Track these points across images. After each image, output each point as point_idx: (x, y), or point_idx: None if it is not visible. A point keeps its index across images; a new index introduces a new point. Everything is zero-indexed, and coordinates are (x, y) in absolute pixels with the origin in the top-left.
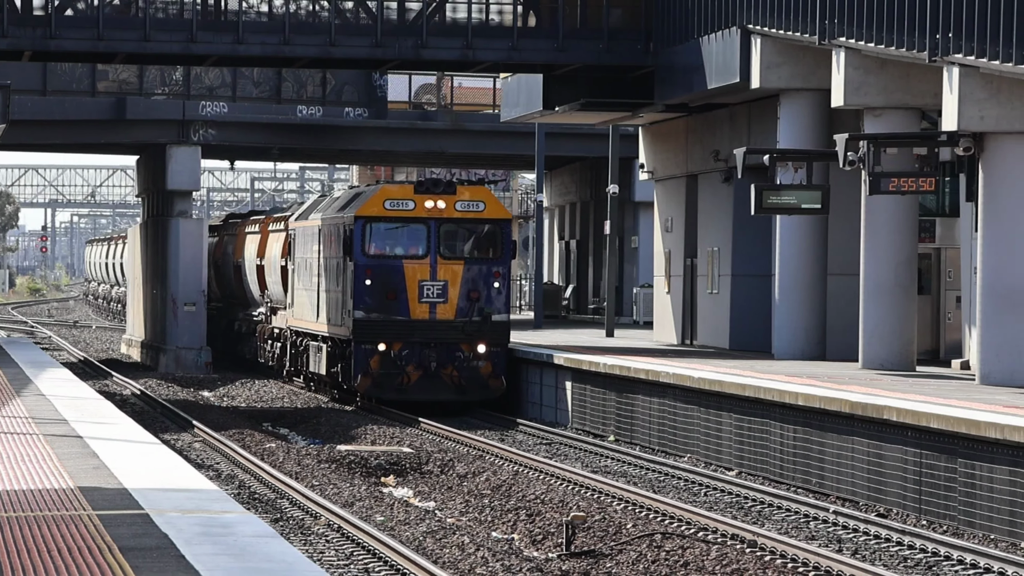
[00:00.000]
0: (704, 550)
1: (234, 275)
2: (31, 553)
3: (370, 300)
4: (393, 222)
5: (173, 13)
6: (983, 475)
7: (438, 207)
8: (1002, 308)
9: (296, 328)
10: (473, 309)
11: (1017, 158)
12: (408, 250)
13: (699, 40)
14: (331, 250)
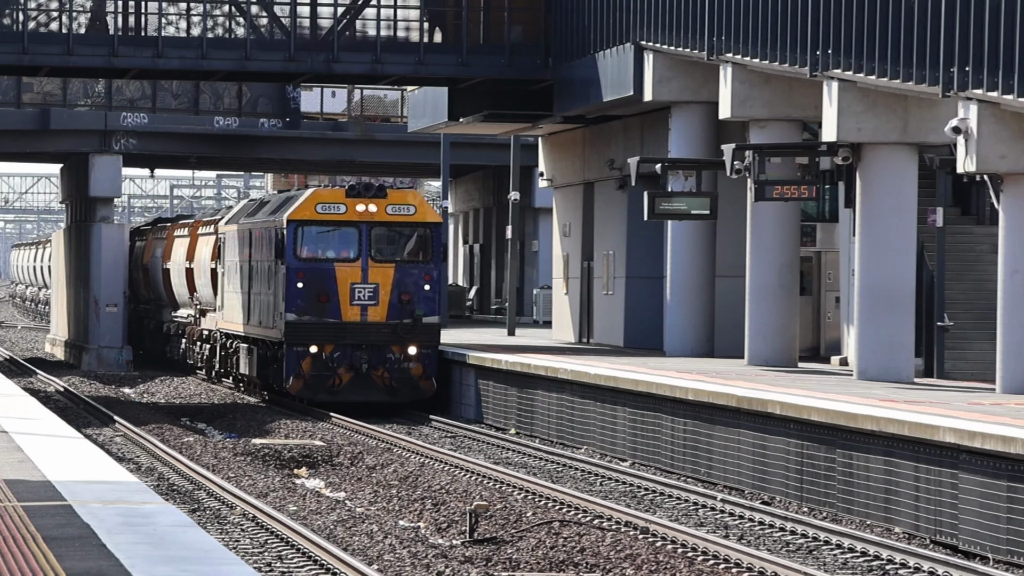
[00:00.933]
0: (599, 536)
1: (163, 278)
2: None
3: (302, 303)
4: (325, 225)
5: (96, 29)
6: (860, 464)
7: (369, 211)
8: (878, 308)
9: (226, 330)
10: (404, 311)
11: (891, 167)
12: (340, 253)
13: (595, 55)
14: (262, 253)
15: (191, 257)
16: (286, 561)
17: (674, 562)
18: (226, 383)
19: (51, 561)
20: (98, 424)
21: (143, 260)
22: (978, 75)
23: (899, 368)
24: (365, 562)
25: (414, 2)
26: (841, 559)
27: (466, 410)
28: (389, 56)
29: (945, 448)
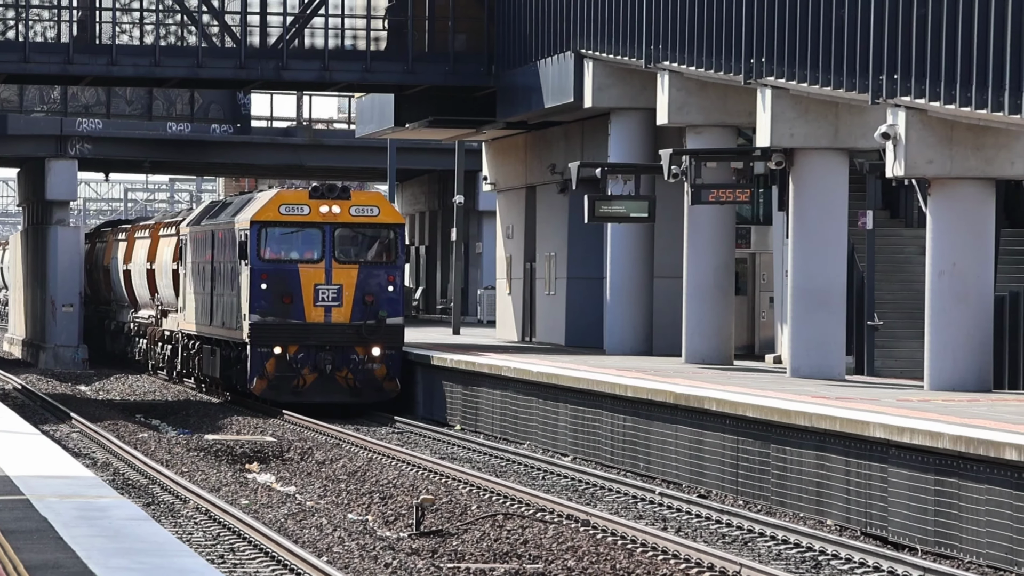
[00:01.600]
0: (542, 529)
1: (124, 279)
2: None
3: (266, 304)
4: (288, 227)
5: (51, 37)
6: (793, 459)
7: (333, 212)
8: (810, 307)
9: (188, 331)
10: (368, 312)
11: (823, 171)
12: (303, 254)
13: (537, 63)
14: (225, 254)
15: (152, 258)
16: (238, 553)
17: (614, 553)
18: (188, 383)
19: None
20: (55, 421)
21: (103, 261)
22: (906, 83)
23: (831, 366)
24: (315, 554)
25: (361, 11)
26: (775, 550)
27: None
28: (337, 64)
29: (875, 443)
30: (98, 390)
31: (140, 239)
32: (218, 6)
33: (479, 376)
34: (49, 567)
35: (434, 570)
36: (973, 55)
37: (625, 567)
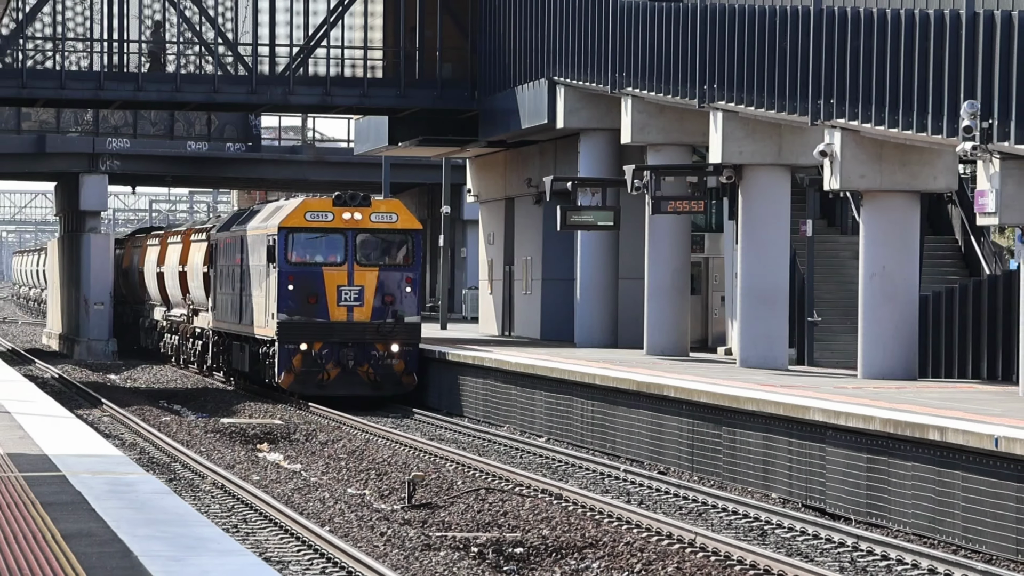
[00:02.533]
0: (520, 502)
1: (157, 280)
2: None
3: (292, 303)
4: (313, 232)
5: (84, 66)
6: (742, 440)
7: (355, 218)
8: (757, 305)
9: (218, 329)
10: (387, 311)
11: (768, 185)
12: (327, 258)
13: (515, 89)
14: (255, 258)
15: (184, 261)
16: (250, 523)
17: (583, 523)
18: (217, 376)
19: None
20: (88, 406)
21: (139, 264)
22: (841, 106)
23: (775, 357)
24: (318, 524)
25: (359, 44)
26: (726, 520)
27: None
28: (337, 89)
29: (814, 425)
30: (126, 379)
31: (172, 244)
32: (232, 39)
33: (463, 366)
34: (83, 535)
35: (424, 538)
36: (900, 83)
37: (593, 535)
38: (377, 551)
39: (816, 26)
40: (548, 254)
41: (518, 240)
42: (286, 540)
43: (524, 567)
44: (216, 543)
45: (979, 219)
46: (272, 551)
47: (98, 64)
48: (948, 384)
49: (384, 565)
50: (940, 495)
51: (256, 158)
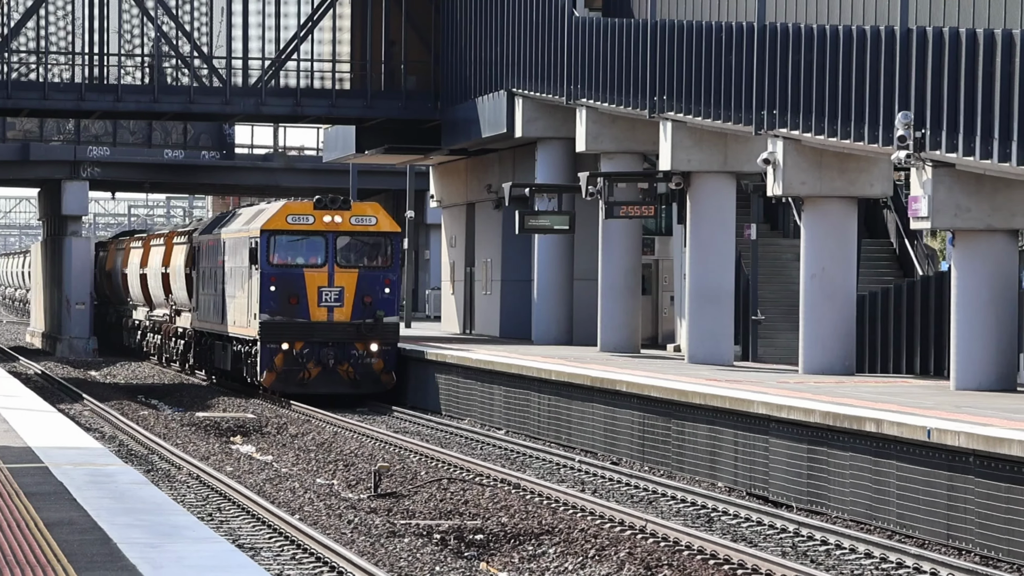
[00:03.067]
0: (480, 491)
1: (140, 281)
2: None
3: (274, 304)
4: (295, 235)
5: (66, 78)
6: (690, 431)
7: (335, 221)
8: (703, 304)
9: (200, 328)
10: (366, 312)
11: (714, 191)
12: (308, 259)
13: (475, 100)
14: (237, 260)
15: (167, 263)
16: (224, 511)
17: (540, 511)
18: (199, 375)
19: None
20: (69, 400)
21: (122, 266)
22: (784, 117)
23: (721, 353)
24: (289, 512)
25: (327, 57)
26: (675, 508)
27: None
28: (307, 100)
29: (758, 418)
30: (106, 375)
31: (155, 246)
32: (207, 52)
33: (427, 363)
34: (65, 523)
35: (389, 526)
36: (838, 95)
37: (550, 523)
38: (345, 538)
39: (759, 41)
40: (507, 256)
41: (479, 243)
42: (258, 528)
43: (484, 553)
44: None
45: (912, 223)
46: (245, 538)
47: (79, 76)
48: (884, 379)
49: (351, 551)
50: (876, 484)
51: (230, 165)
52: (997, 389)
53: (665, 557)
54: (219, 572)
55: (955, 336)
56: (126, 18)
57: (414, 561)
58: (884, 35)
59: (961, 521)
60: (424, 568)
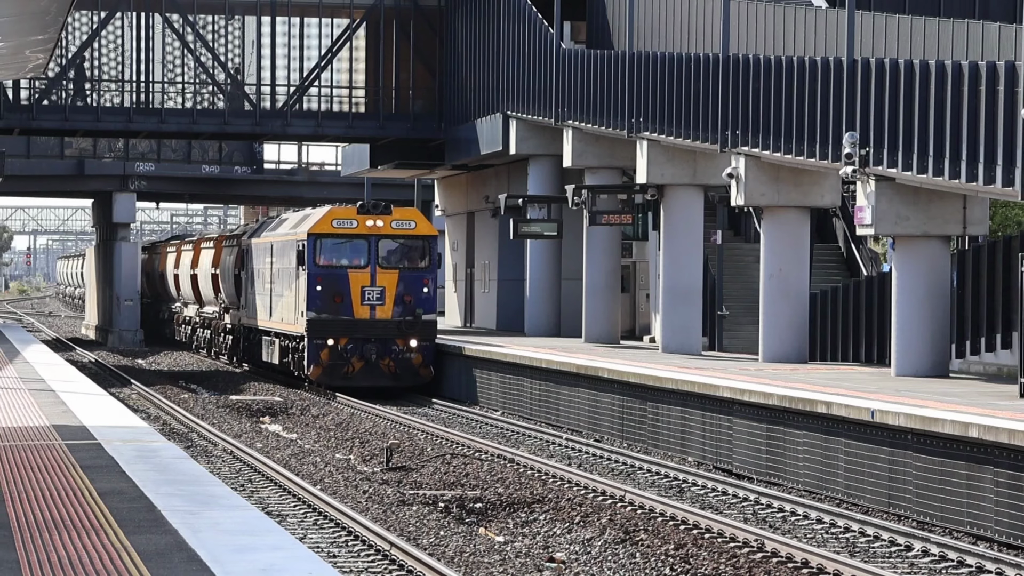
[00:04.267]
0: (479, 465)
1: (191, 281)
2: (22, 469)
3: (320, 303)
4: (339, 238)
5: (116, 103)
6: (664, 413)
7: (377, 225)
8: (675, 301)
9: (249, 325)
10: (406, 310)
11: (685, 201)
12: (352, 261)
13: (475, 121)
14: (284, 261)
15: (216, 264)
16: (254, 483)
17: (532, 483)
18: (246, 367)
19: (86, 483)
20: (119, 385)
21: (173, 267)
22: (745, 136)
23: (691, 344)
24: (311, 483)
25: (345, 84)
26: (650, 480)
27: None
28: (327, 122)
29: (723, 401)
30: (151, 363)
31: (205, 249)
32: (239, 79)
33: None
34: (115, 493)
35: (399, 495)
36: (793, 117)
37: (540, 492)
38: (360, 506)
39: (724, 70)
40: (503, 258)
41: (478, 247)
42: (285, 497)
43: (483, 519)
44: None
45: (858, 230)
46: (273, 506)
47: (128, 101)
48: (833, 366)
49: (366, 517)
50: (826, 458)
51: (259, 179)
52: (932, 375)
53: (641, 523)
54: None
55: (895, 329)
56: (168, 50)
57: (421, 526)
58: (833, 65)
59: (900, 491)
60: (430, 532)
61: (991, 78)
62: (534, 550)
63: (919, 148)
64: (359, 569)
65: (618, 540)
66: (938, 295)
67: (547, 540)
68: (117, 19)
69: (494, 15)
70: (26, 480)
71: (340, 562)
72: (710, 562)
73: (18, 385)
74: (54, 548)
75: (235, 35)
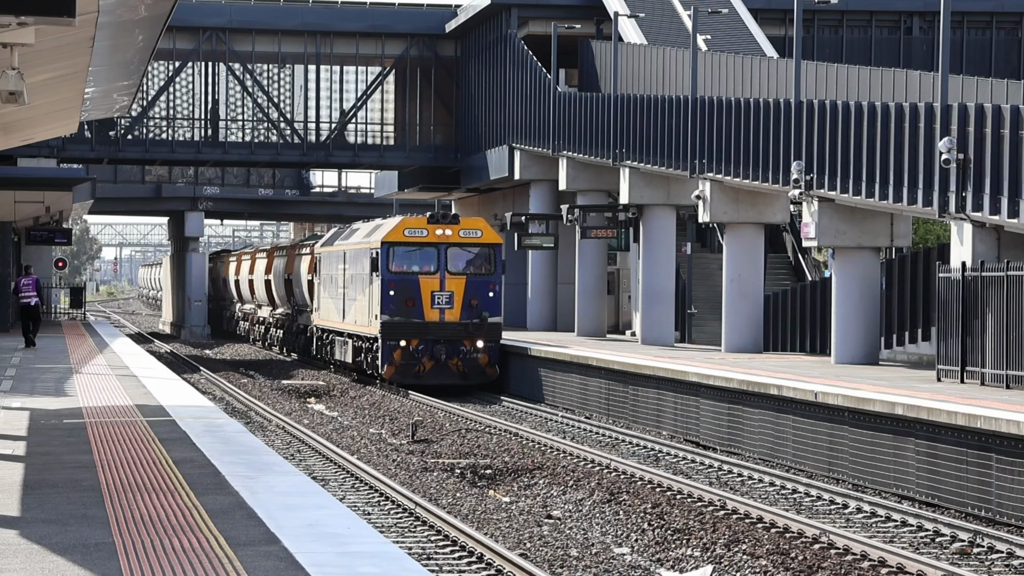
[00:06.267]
0: (489, 438)
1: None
2: (111, 441)
3: (393, 306)
4: (411, 246)
5: (188, 137)
6: (642, 394)
7: (446, 234)
8: (652, 302)
9: (322, 326)
10: (473, 313)
11: (660, 219)
12: (423, 267)
13: (486, 152)
14: (357, 268)
15: (290, 271)
16: (302, 453)
17: (533, 453)
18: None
19: (164, 453)
20: (190, 371)
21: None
22: (711, 164)
23: (665, 337)
24: (349, 453)
25: (376, 121)
26: (631, 450)
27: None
28: (363, 152)
29: (692, 384)
30: (216, 353)
31: (279, 257)
32: (290, 116)
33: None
34: (187, 461)
35: (423, 463)
36: (751, 148)
37: (540, 461)
38: (390, 472)
39: (693, 110)
40: (509, 266)
41: None
42: (328, 465)
43: (492, 483)
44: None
45: (804, 242)
46: (318, 472)
47: (197, 135)
48: (783, 356)
49: (395, 482)
50: (777, 432)
51: (306, 200)
52: (865, 363)
53: (624, 486)
54: (299, 497)
55: (834, 324)
56: (231, 93)
57: (440, 489)
58: (783, 105)
59: (839, 458)
60: (448, 494)
61: (913, 117)
62: (535, 509)
63: (854, 174)
64: (389, 524)
65: (605, 500)
66: (870, 296)
67: (546, 500)
68: (189, 68)
69: (501, 63)
70: (113, 451)
71: (373, 518)
72: (681, 518)
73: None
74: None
75: (286, 81)
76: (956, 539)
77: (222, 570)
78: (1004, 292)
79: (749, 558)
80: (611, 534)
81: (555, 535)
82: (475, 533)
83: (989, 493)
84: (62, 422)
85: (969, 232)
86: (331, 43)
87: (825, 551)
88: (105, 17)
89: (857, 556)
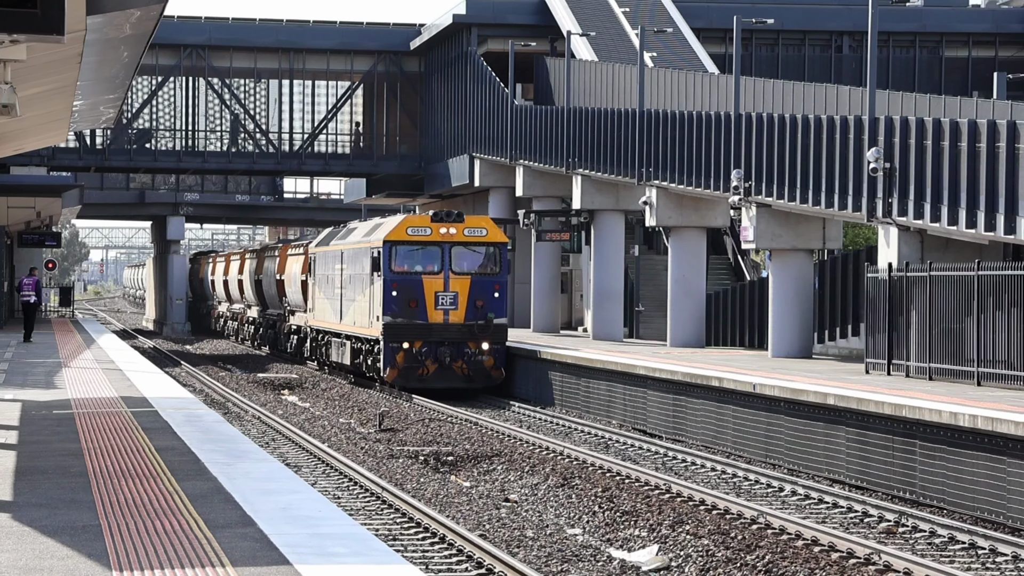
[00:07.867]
0: (451, 427)
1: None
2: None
3: (396, 307)
4: (414, 245)
5: (169, 146)
6: (594, 387)
7: (450, 233)
8: (602, 300)
9: (317, 327)
10: (478, 314)
11: (610, 223)
12: (426, 267)
13: (448, 161)
14: (356, 268)
15: (281, 271)
16: (276, 441)
17: (492, 441)
18: (311, 365)
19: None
20: (171, 365)
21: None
22: (657, 172)
23: (615, 333)
24: (321, 442)
25: (346, 131)
26: (583, 438)
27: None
28: (333, 161)
29: (640, 376)
30: (196, 348)
31: (269, 257)
32: (264, 127)
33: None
34: (169, 449)
35: (389, 451)
36: (693, 157)
37: (498, 448)
38: (359, 459)
39: (639, 121)
40: None
41: None
42: (300, 452)
43: (454, 469)
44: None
45: (743, 245)
46: (291, 459)
47: (178, 145)
48: (724, 350)
49: (363, 467)
50: (718, 421)
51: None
52: (799, 356)
53: (576, 471)
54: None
55: (771, 320)
56: (210, 105)
57: (406, 474)
58: (723, 118)
59: (775, 445)
60: (413, 479)
61: (844, 129)
62: (494, 493)
63: (790, 182)
64: (358, 508)
65: (559, 484)
66: (804, 295)
67: (504, 485)
68: (171, 82)
69: (462, 78)
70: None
71: (343, 502)
72: (629, 501)
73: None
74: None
75: (262, 94)
76: (883, 519)
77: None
78: (927, 291)
79: (692, 538)
80: (564, 516)
81: (512, 517)
82: (438, 515)
83: (913, 477)
84: (52, 413)
85: (895, 235)
86: (303, 59)
87: (763, 531)
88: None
89: (792, 536)
